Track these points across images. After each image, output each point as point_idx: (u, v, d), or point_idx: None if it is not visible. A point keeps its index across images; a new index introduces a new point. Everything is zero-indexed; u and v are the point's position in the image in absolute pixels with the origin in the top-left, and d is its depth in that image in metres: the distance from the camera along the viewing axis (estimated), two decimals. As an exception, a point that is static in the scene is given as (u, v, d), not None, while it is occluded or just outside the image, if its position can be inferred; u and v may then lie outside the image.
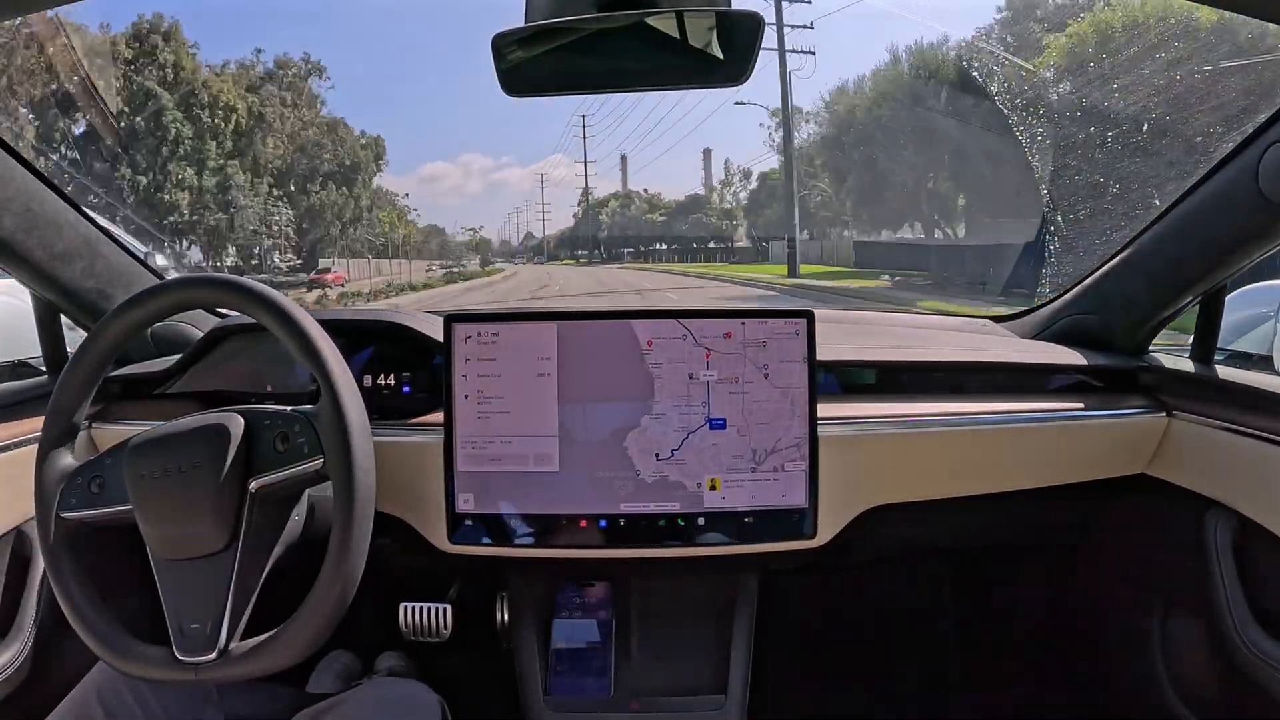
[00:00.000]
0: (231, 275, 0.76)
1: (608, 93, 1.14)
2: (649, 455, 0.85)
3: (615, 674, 0.95)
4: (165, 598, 0.71)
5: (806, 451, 0.85)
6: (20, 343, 1.11)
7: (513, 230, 43.01)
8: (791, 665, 1.27)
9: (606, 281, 21.17)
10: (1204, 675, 0.94)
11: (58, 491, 0.74)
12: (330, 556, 0.68)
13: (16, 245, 0.90)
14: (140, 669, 0.71)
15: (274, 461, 0.71)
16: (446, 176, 54.33)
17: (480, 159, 57.17)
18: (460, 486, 0.86)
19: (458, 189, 54.31)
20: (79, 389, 0.76)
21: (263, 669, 0.70)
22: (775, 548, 0.87)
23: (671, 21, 0.67)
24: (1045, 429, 0.95)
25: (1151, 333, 1.01)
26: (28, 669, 0.90)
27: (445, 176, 54.38)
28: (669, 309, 0.87)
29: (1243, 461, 0.86)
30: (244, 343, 1.00)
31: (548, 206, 40.28)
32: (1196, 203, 0.87)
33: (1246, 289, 1.09)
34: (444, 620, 1.05)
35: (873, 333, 1.18)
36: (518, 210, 52.43)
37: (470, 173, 55.63)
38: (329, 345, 0.73)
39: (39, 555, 0.92)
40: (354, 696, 0.80)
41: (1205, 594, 0.89)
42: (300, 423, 0.72)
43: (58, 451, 0.75)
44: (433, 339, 0.96)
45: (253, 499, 0.71)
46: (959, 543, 1.19)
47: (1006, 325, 1.23)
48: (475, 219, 58.26)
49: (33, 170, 0.89)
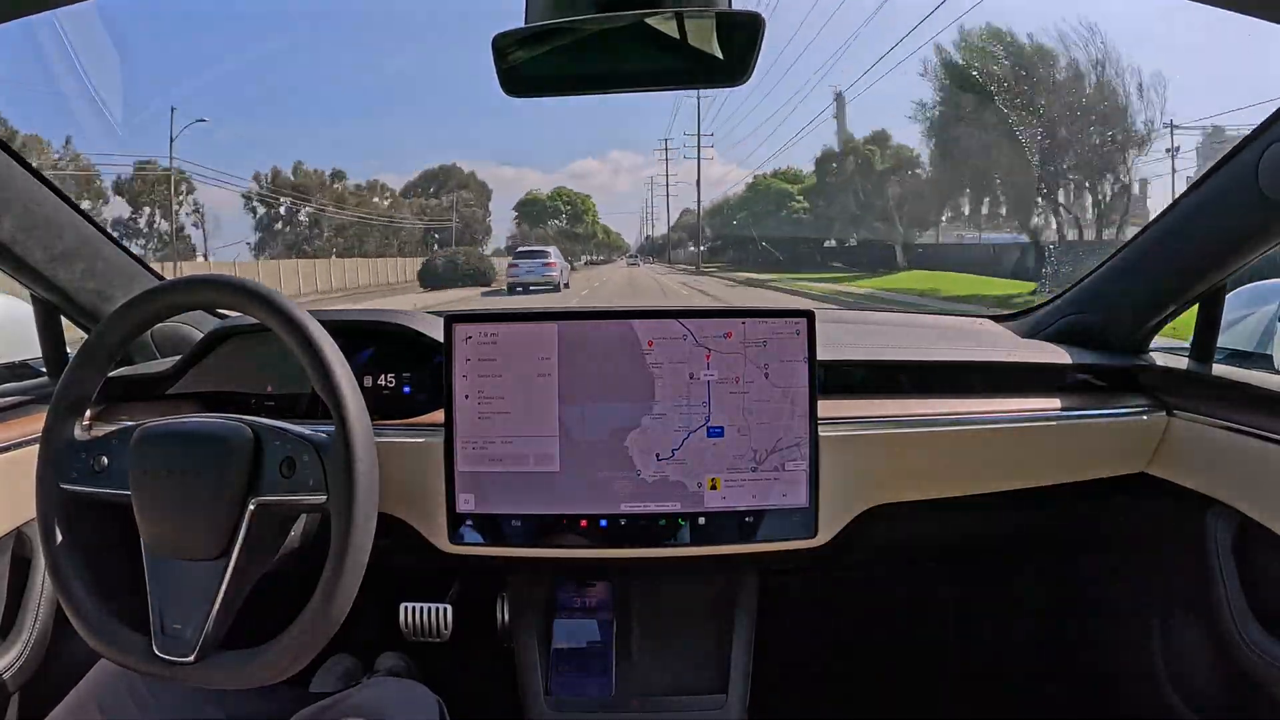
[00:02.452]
0: (232, 275, 0.76)
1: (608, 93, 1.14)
2: (649, 455, 0.85)
3: (616, 674, 0.95)
4: (151, 592, 0.71)
5: (807, 451, 0.85)
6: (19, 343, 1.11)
7: (649, 228, 42.49)
8: (792, 665, 1.27)
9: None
10: (1204, 674, 0.94)
11: (62, 461, 0.74)
12: (318, 593, 0.68)
13: (16, 246, 0.90)
14: (116, 653, 0.71)
15: (277, 485, 0.71)
16: (595, 174, 54.64)
17: (630, 156, 57.12)
18: (461, 486, 0.86)
19: (606, 186, 54.39)
20: (90, 371, 0.76)
21: (235, 683, 0.70)
22: (776, 547, 0.87)
23: (672, 22, 0.67)
24: (1045, 428, 0.95)
25: (1151, 332, 1.01)
26: (29, 670, 0.90)
27: (594, 173, 54.67)
28: (669, 309, 0.87)
29: (1243, 461, 0.86)
30: (244, 344, 1.00)
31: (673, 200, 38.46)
32: (1196, 202, 0.87)
33: (1246, 288, 1.09)
34: (444, 620, 1.05)
35: (873, 332, 1.18)
36: (642, 208, 51.70)
37: (619, 169, 55.66)
38: (337, 356, 0.72)
39: (40, 556, 0.92)
40: (353, 696, 0.80)
41: (1205, 593, 0.89)
42: (309, 452, 0.71)
43: (66, 422, 0.75)
44: (433, 339, 0.96)
45: (251, 515, 0.70)
46: (959, 542, 1.19)
47: (1006, 324, 1.23)
48: (620, 217, 58.70)
49: (32, 171, 0.90)
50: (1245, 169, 0.78)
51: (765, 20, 0.65)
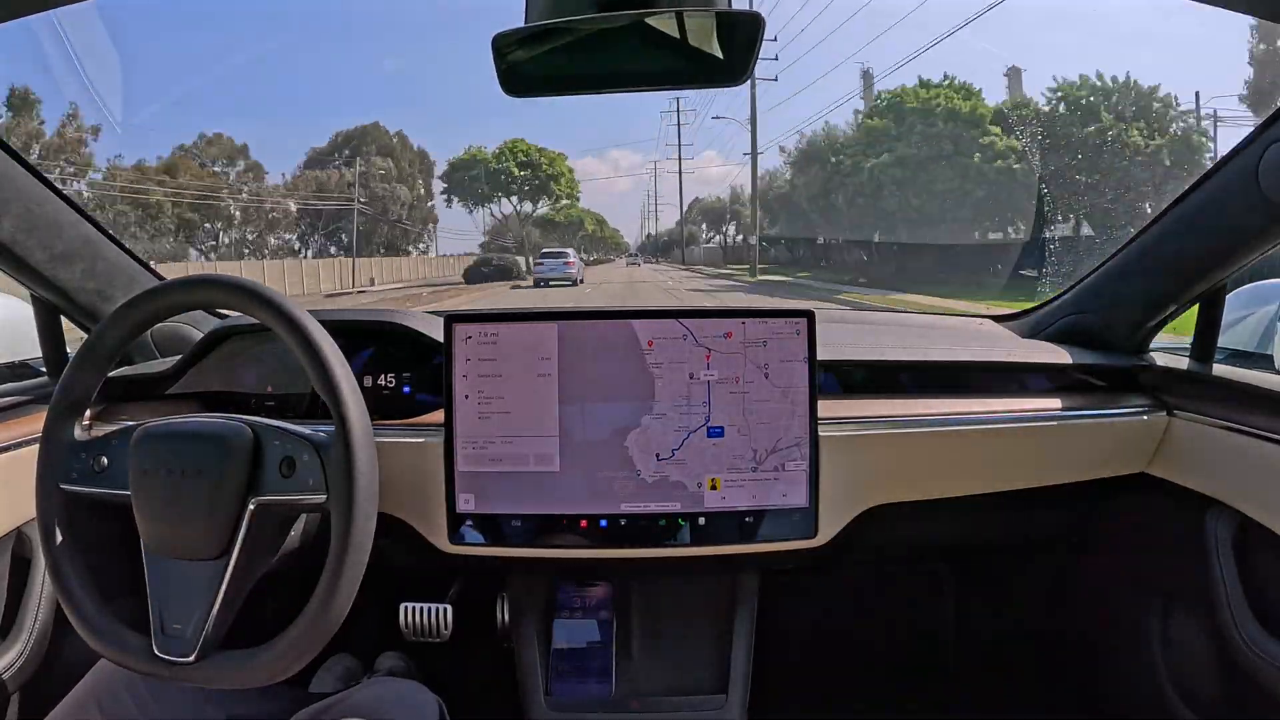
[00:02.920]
0: (233, 276, 0.76)
1: (608, 93, 1.15)
2: (649, 455, 0.85)
3: (616, 674, 0.95)
4: (152, 592, 0.71)
5: (807, 451, 0.85)
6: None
7: (651, 227, 42.21)
8: (792, 665, 1.27)
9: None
10: (1204, 674, 0.94)
11: (61, 461, 0.74)
12: (318, 593, 0.68)
13: (17, 246, 0.90)
14: (116, 653, 0.71)
15: (277, 485, 0.71)
16: (594, 174, 54.41)
17: (629, 155, 56.71)
18: (461, 487, 0.86)
19: (606, 187, 54.11)
20: (90, 372, 0.76)
21: (235, 683, 0.70)
22: (776, 547, 0.87)
23: (671, 21, 0.67)
24: (1045, 428, 0.95)
25: (1151, 332, 1.01)
26: (29, 670, 0.90)
27: (593, 174, 54.43)
28: (669, 309, 0.87)
29: (1243, 460, 0.86)
30: (244, 344, 1.00)
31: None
32: (1196, 202, 0.87)
33: (1246, 288, 1.09)
34: (444, 620, 1.05)
35: (873, 332, 1.18)
36: (644, 207, 51.46)
37: (619, 169, 55.34)
38: (337, 356, 0.72)
39: (40, 556, 0.92)
40: (353, 696, 0.80)
41: (1205, 593, 0.89)
42: (309, 451, 0.71)
43: (66, 422, 0.75)
44: (433, 339, 0.96)
45: (251, 515, 0.71)
46: (959, 542, 1.19)
47: (1007, 325, 1.23)
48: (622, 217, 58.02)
49: (33, 171, 0.90)
50: (1245, 169, 0.78)
51: (765, 20, 0.65)
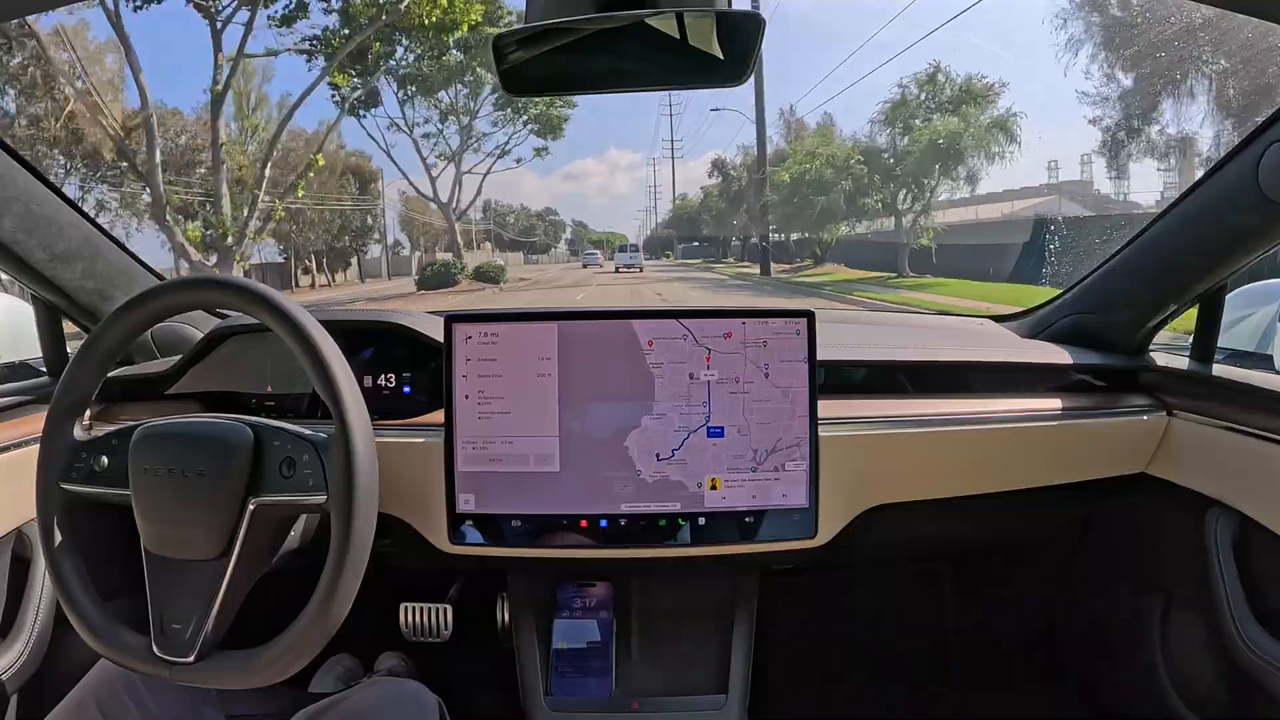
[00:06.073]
0: (233, 276, 0.76)
1: (608, 93, 1.15)
2: (650, 455, 0.85)
3: (616, 674, 0.95)
4: (151, 592, 0.71)
5: (807, 451, 0.85)
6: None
7: (650, 225, 41.90)
8: (792, 665, 1.27)
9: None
10: (1204, 674, 0.94)
11: (61, 461, 0.74)
12: (318, 593, 0.68)
13: (17, 246, 0.90)
14: (116, 654, 0.71)
15: (277, 485, 0.71)
16: (593, 173, 54.02)
17: (629, 155, 56.37)
18: (461, 487, 0.86)
19: (604, 188, 53.76)
20: (90, 371, 0.76)
21: (235, 683, 0.70)
22: (776, 548, 0.87)
23: (671, 22, 0.67)
24: (1045, 428, 0.95)
25: (1152, 332, 1.01)
26: (29, 670, 0.90)
27: (592, 173, 54.05)
28: (669, 309, 0.87)
29: (1243, 460, 0.86)
30: (244, 344, 1.00)
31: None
32: (1196, 202, 0.87)
33: (1246, 288, 1.09)
34: (444, 620, 1.05)
35: (873, 332, 1.18)
36: (647, 208, 51.38)
37: (617, 168, 54.99)
38: (337, 356, 0.72)
39: (40, 556, 0.92)
40: (353, 696, 0.80)
41: (1205, 593, 0.89)
42: (309, 452, 0.71)
43: (66, 422, 0.75)
44: (433, 339, 0.96)
45: (251, 515, 0.71)
46: (959, 543, 1.19)
47: (1007, 325, 1.23)
48: (621, 218, 57.64)
49: (33, 171, 0.90)
50: (1245, 169, 0.78)
51: (765, 20, 0.65)
